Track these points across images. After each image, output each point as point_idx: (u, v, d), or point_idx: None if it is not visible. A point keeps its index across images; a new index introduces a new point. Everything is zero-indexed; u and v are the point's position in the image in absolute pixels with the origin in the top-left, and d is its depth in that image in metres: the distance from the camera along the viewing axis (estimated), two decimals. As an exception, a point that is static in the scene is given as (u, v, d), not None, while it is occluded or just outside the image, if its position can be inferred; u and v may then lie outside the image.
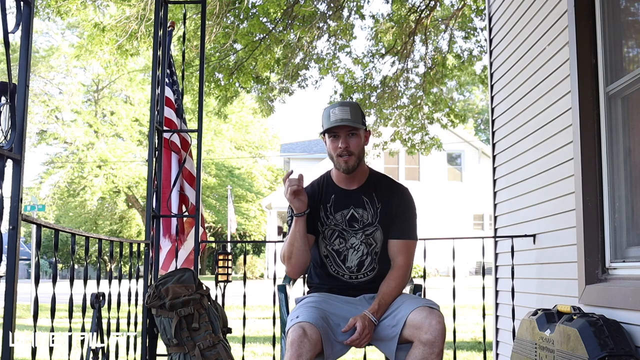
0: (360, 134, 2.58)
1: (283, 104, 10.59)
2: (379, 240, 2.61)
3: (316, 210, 2.62)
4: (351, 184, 2.64)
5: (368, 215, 2.60)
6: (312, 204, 2.62)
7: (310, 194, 2.65)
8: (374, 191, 2.64)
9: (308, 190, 2.66)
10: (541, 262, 3.70)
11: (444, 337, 2.28)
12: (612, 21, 2.94)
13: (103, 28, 8.76)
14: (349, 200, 2.62)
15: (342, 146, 2.53)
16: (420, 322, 2.29)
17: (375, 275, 2.61)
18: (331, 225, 2.61)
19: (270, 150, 34.28)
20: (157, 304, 3.28)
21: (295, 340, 2.23)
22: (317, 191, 2.66)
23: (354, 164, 2.56)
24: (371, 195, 2.63)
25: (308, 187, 2.69)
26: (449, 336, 2.70)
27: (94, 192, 26.30)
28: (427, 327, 2.27)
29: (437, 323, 2.27)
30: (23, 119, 2.04)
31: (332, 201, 2.62)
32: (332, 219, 2.61)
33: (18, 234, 2.02)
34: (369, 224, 2.60)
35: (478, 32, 9.90)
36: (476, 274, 22.31)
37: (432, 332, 2.26)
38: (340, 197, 2.63)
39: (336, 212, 2.61)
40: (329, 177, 2.70)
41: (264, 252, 30.78)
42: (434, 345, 2.26)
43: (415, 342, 2.29)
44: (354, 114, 2.54)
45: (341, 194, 2.63)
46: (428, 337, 2.26)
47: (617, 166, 2.86)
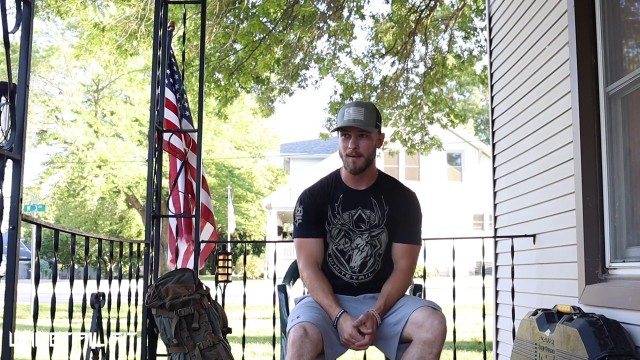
0: (371, 136, 2.57)
1: (283, 104, 10.60)
2: (383, 242, 2.62)
3: (324, 209, 2.62)
4: (360, 185, 2.65)
5: (375, 217, 2.61)
6: (322, 203, 2.63)
7: (319, 192, 2.65)
8: (383, 193, 2.64)
9: (315, 189, 2.67)
10: (541, 262, 3.70)
11: (443, 338, 2.28)
12: (612, 21, 2.94)
13: (103, 28, 8.76)
14: (357, 201, 2.62)
15: (351, 147, 2.54)
16: (423, 321, 2.30)
17: (375, 276, 2.62)
18: (338, 225, 2.61)
19: (270, 150, 34.29)
20: (157, 304, 3.28)
21: (297, 340, 2.23)
22: (325, 190, 2.66)
23: (361, 165, 2.57)
24: (379, 197, 2.63)
25: (316, 185, 2.69)
26: (449, 336, 2.71)
27: (94, 192, 26.28)
28: (428, 326, 2.28)
29: (439, 323, 2.28)
30: (23, 119, 2.04)
31: (340, 200, 2.62)
32: (339, 218, 2.61)
33: (18, 234, 2.02)
34: (376, 226, 2.61)
35: (478, 32, 9.90)
36: (476, 274, 22.31)
37: (433, 331, 2.26)
38: (348, 197, 2.63)
39: (344, 212, 2.61)
40: (338, 176, 2.70)
41: (264, 252, 30.78)
42: (434, 345, 2.26)
43: (415, 340, 2.30)
44: (367, 115, 2.54)
45: (350, 194, 2.63)
46: (428, 336, 2.26)
47: (617, 166, 2.86)
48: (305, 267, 2.59)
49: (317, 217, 2.62)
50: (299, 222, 2.63)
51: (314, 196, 2.65)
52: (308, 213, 2.62)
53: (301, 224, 2.62)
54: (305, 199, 2.65)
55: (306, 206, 2.63)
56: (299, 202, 2.67)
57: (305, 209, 2.63)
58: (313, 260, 2.59)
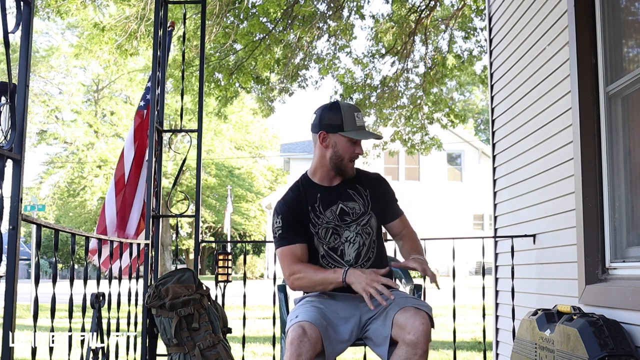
0: None
1: (283, 104, 10.60)
2: (374, 227, 2.63)
3: (305, 214, 2.59)
4: (334, 181, 2.65)
5: (359, 206, 2.61)
6: (300, 209, 2.59)
7: (295, 199, 2.61)
8: (356, 182, 2.66)
9: (289, 197, 2.62)
10: (541, 262, 3.70)
11: (427, 338, 2.24)
12: (612, 21, 2.94)
13: (103, 28, 8.77)
14: (335, 196, 2.62)
15: (358, 151, 2.58)
16: (405, 322, 2.28)
17: (372, 265, 2.60)
18: (323, 224, 2.59)
19: (270, 150, 34.29)
20: (157, 304, 3.28)
21: (295, 339, 2.23)
22: (299, 195, 2.62)
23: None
24: (355, 187, 2.65)
25: (288, 194, 2.64)
26: (449, 336, 2.70)
27: (94, 192, 26.30)
28: (410, 327, 2.25)
29: (420, 324, 2.24)
30: (23, 119, 2.04)
31: (318, 200, 2.61)
32: (323, 218, 2.60)
33: (18, 234, 2.02)
34: (362, 214, 2.61)
35: (478, 32, 9.90)
36: (476, 274, 22.31)
37: (415, 332, 2.23)
38: (325, 195, 2.62)
39: (325, 210, 2.60)
40: (306, 179, 2.67)
41: (264, 252, 30.79)
42: (417, 346, 2.23)
43: (400, 342, 2.28)
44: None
45: (326, 192, 2.63)
46: (411, 338, 2.23)
47: (617, 166, 2.86)
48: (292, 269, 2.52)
49: (296, 224, 2.57)
50: (279, 233, 2.57)
51: (290, 204, 2.60)
52: (287, 222, 2.56)
53: (281, 234, 2.56)
54: (282, 208, 2.59)
55: (284, 215, 2.57)
56: (275, 213, 2.61)
57: (283, 219, 2.57)
58: (298, 259, 2.54)
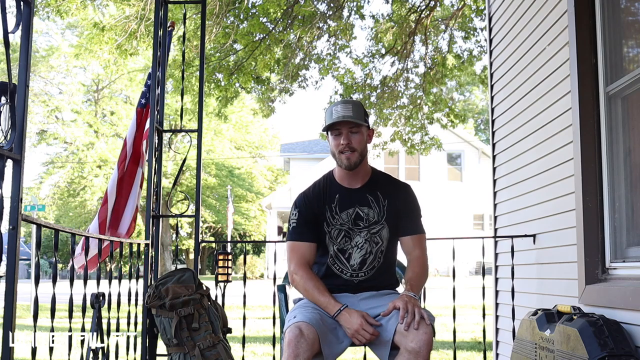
0: (362, 131, 2.57)
1: (283, 104, 10.57)
2: (385, 238, 2.61)
3: (322, 212, 2.61)
4: (355, 183, 2.64)
5: (374, 214, 2.60)
6: (318, 206, 2.61)
7: (315, 194, 2.64)
8: (378, 189, 2.63)
9: (310, 192, 2.65)
10: (541, 262, 3.70)
11: (429, 348, 2.26)
12: (612, 21, 2.93)
13: (102, 28, 8.77)
14: (353, 199, 2.61)
15: (344, 142, 2.53)
16: (408, 330, 2.29)
17: (376, 274, 2.61)
18: (337, 225, 2.60)
19: (270, 150, 34.28)
20: (157, 304, 3.28)
21: (292, 340, 2.23)
22: (320, 192, 2.65)
23: (356, 161, 2.56)
24: (375, 194, 2.62)
25: (310, 189, 2.67)
26: (449, 336, 2.71)
27: (94, 192, 26.28)
28: (413, 336, 2.26)
29: (423, 333, 2.26)
30: (23, 119, 2.04)
31: (336, 201, 2.61)
32: (338, 219, 2.60)
33: (18, 234, 2.02)
34: (375, 222, 2.60)
35: (478, 32, 9.90)
36: (476, 274, 22.30)
37: (418, 341, 2.25)
38: (344, 197, 2.62)
39: (342, 212, 2.60)
40: (331, 177, 2.69)
41: (264, 252, 30.78)
42: (419, 354, 2.24)
43: (402, 349, 2.29)
44: (355, 111, 2.54)
45: (345, 193, 2.62)
46: (413, 346, 2.25)
47: (617, 166, 2.86)
48: (297, 269, 2.56)
49: (312, 221, 2.60)
50: (293, 225, 2.61)
51: (309, 199, 2.63)
52: (303, 216, 2.60)
53: (295, 227, 2.60)
54: (301, 202, 2.64)
55: (302, 209, 2.62)
56: (294, 205, 2.66)
57: (300, 212, 2.61)
58: (305, 262, 2.57)
